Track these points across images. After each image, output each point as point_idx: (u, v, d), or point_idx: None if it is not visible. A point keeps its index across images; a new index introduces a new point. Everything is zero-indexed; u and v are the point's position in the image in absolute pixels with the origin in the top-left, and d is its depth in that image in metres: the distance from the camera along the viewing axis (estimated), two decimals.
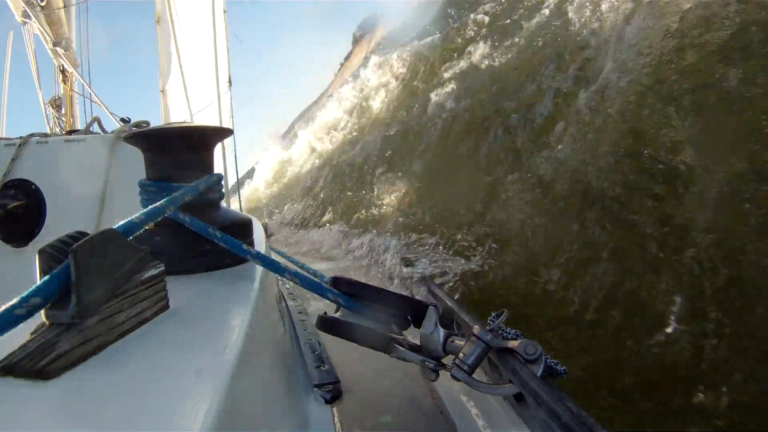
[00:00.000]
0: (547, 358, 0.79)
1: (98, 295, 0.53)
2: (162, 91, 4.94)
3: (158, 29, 4.82)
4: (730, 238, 2.81)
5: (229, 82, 4.07)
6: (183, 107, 3.76)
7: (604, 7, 5.41)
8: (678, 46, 4.01)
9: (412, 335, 0.84)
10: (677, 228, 3.04)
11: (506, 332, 0.86)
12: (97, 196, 2.04)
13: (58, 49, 3.61)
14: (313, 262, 3.64)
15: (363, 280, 0.89)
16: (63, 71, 3.92)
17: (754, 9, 3.72)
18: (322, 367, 1.34)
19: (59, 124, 3.80)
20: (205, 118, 3.92)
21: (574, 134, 4.37)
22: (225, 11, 4.07)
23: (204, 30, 3.98)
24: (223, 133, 1.06)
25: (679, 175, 3.29)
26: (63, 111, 3.84)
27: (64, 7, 3.74)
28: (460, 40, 8.99)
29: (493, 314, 0.83)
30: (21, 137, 2.06)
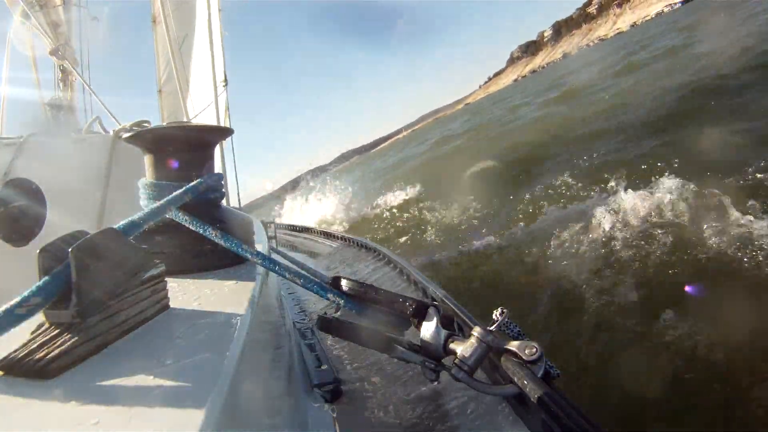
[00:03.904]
0: (546, 360, 0.79)
1: (98, 294, 0.53)
2: (159, 91, 4.94)
3: (155, 30, 4.82)
4: None
5: (225, 81, 4.06)
6: (182, 107, 3.76)
7: None
8: None
9: (413, 335, 0.84)
10: None
11: (510, 329, 0.86)
12: (97, 196, 2.04)
13: (57, 49, 3.61)
14: (314, 263, 3.64)
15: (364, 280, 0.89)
16: (63, 71, 3.92)
17: None
18: (322, 367, 1.34)
19: (59, 123, 3.79)
20: (203, 117, 3.92)
21: None
22: (220, 10, 4.06)
23: (200, 30, 3.97)
24: (223, 132, 1.06)
25: None
26: (63, 110, 3.83)
27: (62, 5, 3.73)
28: None
29: (496, 313, 0.83)
30: (21, 137, 2.06)
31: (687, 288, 2.87)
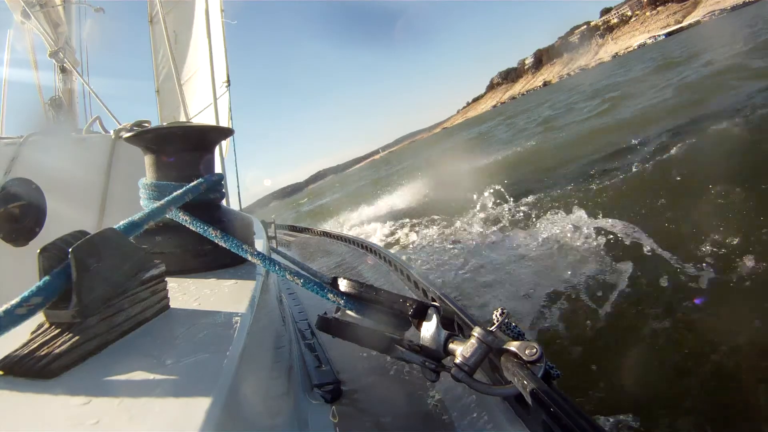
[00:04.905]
0: (546, 361, 0.79)
1: (98, 294, 0.53)
2: (157, 91, 4.94)
3: (151, 29, 4.82)
4: None
5: (228, 82, 4.05)
6: (180, 107, 3.75)
7: None
8: None
9: (413, 336, 0.84)
10: None
11: (510, 329, 0.86)
12: (97, 196, 2.05)
13: (57, 52, 3.61)
14: (315, 262, 3.64)
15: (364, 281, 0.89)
16: (63, 71, 3.92)
17: None
18: (322, 367, 1.34)
19: (59, 123, 3.79)
20: (204, 118, 3.92)
21: None
22: (222, 10, 4.06)
23: (201, 30, 3.97)
24: (223, 132, 1.06)
25: None
26: (63, 110, 3.83)
27: (63, 5, 3.73)
28: None
29: (496, 313, 0.83)
30: (21, 136, 2.06)
31: None
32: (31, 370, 0.46)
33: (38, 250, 0.51)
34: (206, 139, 0.97)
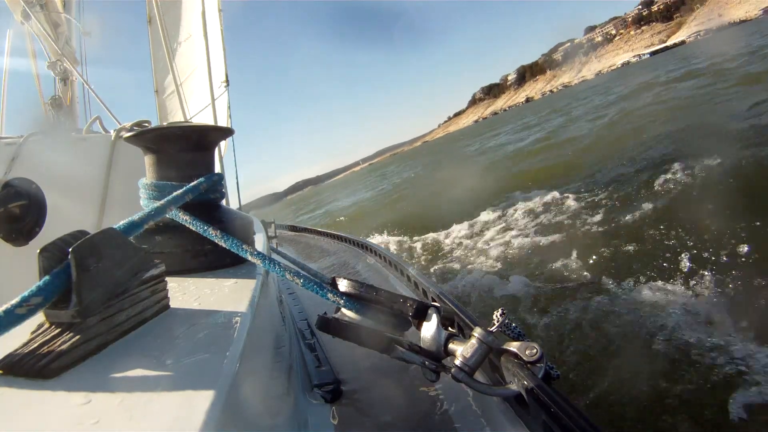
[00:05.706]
0: (547, 361, 0.79)
1: (99, 294, 0.53)
2: (156, 91, 4.93)
3: (150, 29, 4.81)
4: None
5: (226, 81, 4.05)
6: (179, 107, 3.75)
7: None
8: None
9: (413, 336, 0.84)
10: None
11: (511, 330, 0.86)
12: (97, 196, 2.04)
13: (55, 64, 3.62)
14: (315, 262, 3.64)
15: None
16: (63, 70, 3.91)
17: None
18: (322, 367, 1.34)
19: (59, 123, 3.79)
20: (204, 117, 3.91)
21: None
22: (220, 10, 4.06)
23: (199, 29, 3.97)
24: (223, 132, 1.06)
25: None
26: (63, 110, 3.83)
27: (63, 8, 3.74)
28: None
29: (496, 314, 0.83)
30: (21, 136, 2.06)
31: None
32: (31, 369, 0.46)
33: (38, 250, 0.51)
34: (206, 139, 0.97)
